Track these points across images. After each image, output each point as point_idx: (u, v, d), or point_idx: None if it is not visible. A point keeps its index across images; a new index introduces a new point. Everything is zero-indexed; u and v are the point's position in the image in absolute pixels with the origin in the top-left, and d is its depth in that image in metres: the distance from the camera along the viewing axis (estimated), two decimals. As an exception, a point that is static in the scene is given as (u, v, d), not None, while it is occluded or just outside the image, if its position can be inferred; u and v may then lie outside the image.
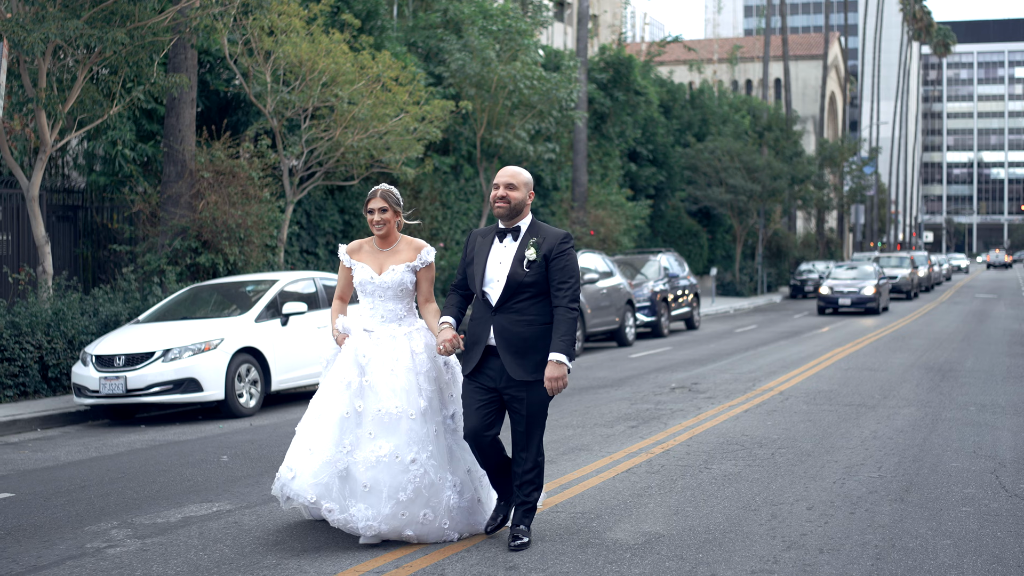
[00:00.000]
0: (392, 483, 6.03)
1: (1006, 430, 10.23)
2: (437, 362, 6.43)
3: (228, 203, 16.36)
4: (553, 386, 5.95)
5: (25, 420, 11.98)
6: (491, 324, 6.10)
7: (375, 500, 6.03)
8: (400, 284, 6.41)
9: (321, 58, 17.57)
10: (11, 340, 13.08)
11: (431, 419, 6.24)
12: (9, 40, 12.88)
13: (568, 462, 8.74)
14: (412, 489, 6.05)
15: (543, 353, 6.02)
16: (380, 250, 6.52)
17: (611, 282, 21.26)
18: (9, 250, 16.49)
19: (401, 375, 6.22)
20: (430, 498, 6.11)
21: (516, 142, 23.23)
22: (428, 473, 6.11)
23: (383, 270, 6.44)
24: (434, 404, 6.31)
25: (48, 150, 14.31)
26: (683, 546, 6.15)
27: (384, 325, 6.43)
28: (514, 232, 6.19)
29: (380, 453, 6.05)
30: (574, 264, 6.13)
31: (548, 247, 6.08)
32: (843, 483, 7.83)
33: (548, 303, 6.10)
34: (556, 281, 6.06)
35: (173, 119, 16.57)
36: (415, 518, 6.07)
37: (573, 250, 6.14)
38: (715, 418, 11.12)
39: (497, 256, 6.17)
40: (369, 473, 6.04)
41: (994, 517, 6.80)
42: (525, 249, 6.08)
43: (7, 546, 6.46)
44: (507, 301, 6.08)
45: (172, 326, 12.65)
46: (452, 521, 6.21)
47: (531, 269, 6.05)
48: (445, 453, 6.29)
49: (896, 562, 5.81)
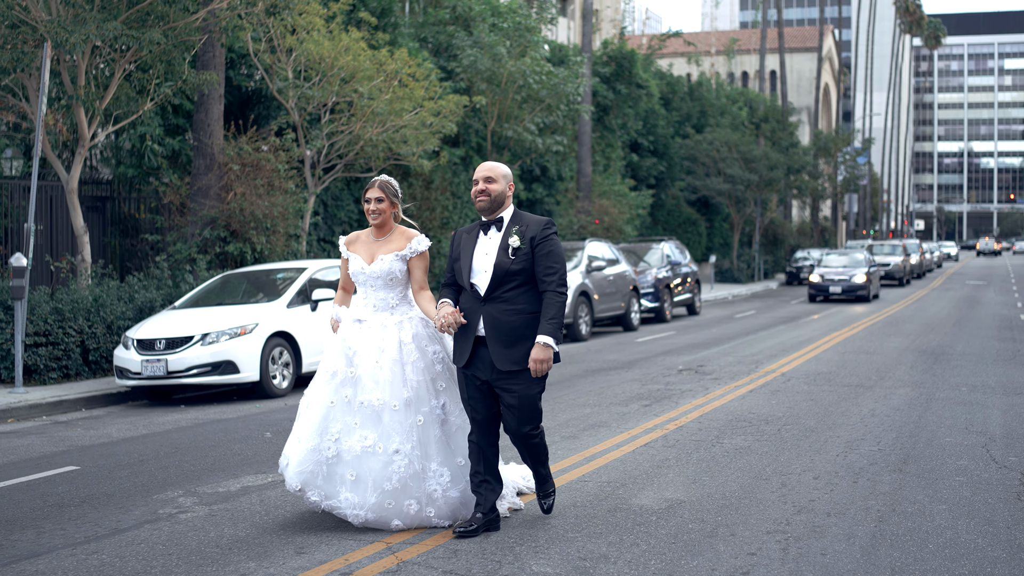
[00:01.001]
0: (377, 473, 6.05)
1: (996, 408, 10.72)
2: (427, 352, 6.36)
3: (255, 194, 16.82)
4: (537, 368, 5.95)
5: (71, 400, 12.46)
6: (480, 314, 6.08)
7: (361, 489, 6.06)
8: (389, 273, 6.38)
9: (341, 55, 18.02)
10: (55, 325, 13.55)
11: (417, 409, 6.20)
12: (52, 40, 13.32)
13: (590, 437, 9.23)
14: (397, 479, 6.05)
15: (530, 343, 6.01)
16: (375, 240, 6.51)
17: (617, 269, 21.73)
18: (47, 240, 16.97)
19: (386, 366, 6.20)
20: (415, 488, 6.10)
21: (526, 135, 23.68)
22: (413, 463, 6.09)
23: (374, 259, 6.43)
24: (420, 394, 6.24)
25: (87, 144, 14.75)
26: (703, 510, 6.64)
27: (376, 314, 6.41)
28: (497, 223, 6.21)
29: (366, 444, 6.07)
30: (559, 249, 6.13)
31: (532, 233, 6.10)
32: (845, 456, 8.31)
33: (536, 292, 6.10)
34: (543, 267, 6.06)
35: (202, 114, 17.01)
36: (400, 508, 6.09)
37: (556, 235, 6.17)
38: (722, 397, 11.60)
39: (483, 248, 6.18)
40: (355, 462, 6.08)
41: (985, 486, 7.29)
42: (509, 237, 6.11)
43: (86, 512, 6.94)
44: (496, 290, 6.07)
45: (208, 312, 13.12)
46: (437, 510, 6.19)
47: (516, 256, 6.06)
48: (433, 443, 6.23)
49: (897, 524, 6.30)
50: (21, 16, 13.53)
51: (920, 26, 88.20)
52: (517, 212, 6.27)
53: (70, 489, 7.68)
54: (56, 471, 8.40)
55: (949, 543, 5.89)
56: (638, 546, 5.85)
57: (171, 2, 14.13)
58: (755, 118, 49.00)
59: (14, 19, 13.56)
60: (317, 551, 5.84)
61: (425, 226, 23.32)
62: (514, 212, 6.26)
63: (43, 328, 13.41)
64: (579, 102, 26.09)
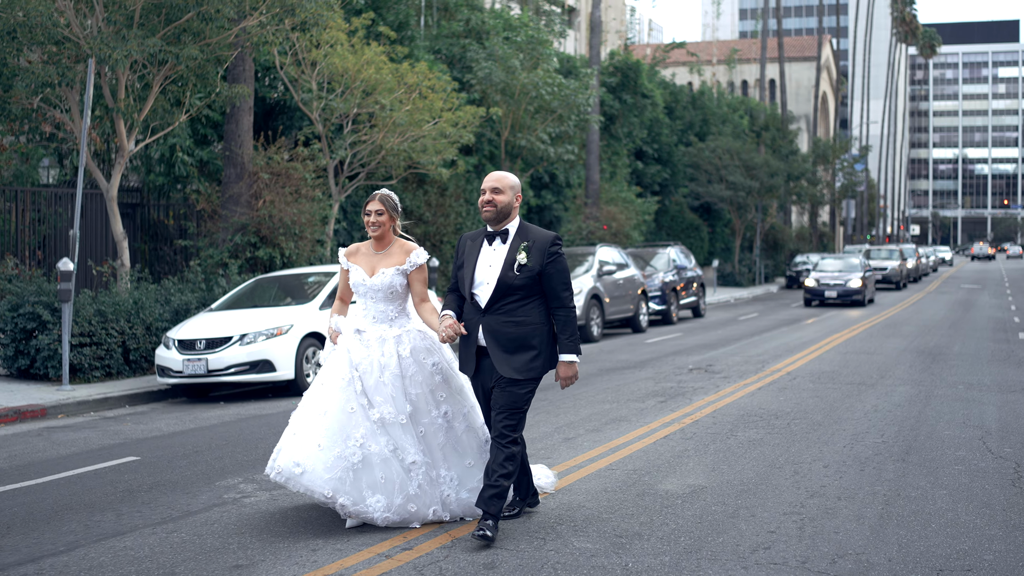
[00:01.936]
0: (402, 478, 6.21)
1: (991, 405, 11.20)
2: (424, 365, 6.44)
3: (284, 202, 17.33)
4: (567, 384, 6.14)
5: (115, 398, 12.94)
6: (480, 325, 6.10)
7: (389, 491, 6.18)
8: (390, 287, 6.44)
9: (364, 68, 18.51)
10: (98, 326, 14.04)
11: (419, 421, 6.35)
12: (96, 57, 13.81)
13: (612, 430, 9.71)
14: (418, 484, 6.24)
15: (531, 352, 6.05)
16: (375, 253, 6.55)
17: (626, 273, 22.21)
18: (83, 244, 17.47)
19: (388, 382, 6.31)
20: (432, 492, 6.31)
21: (538, 144, 24.18)
22: (428, 471, 6.30)
23: (374, 272, 6.48)
24: (420, 407, 6.36)
25: (126, 154, 15.23)
26: (724, 495, 7.11)
27: (375, 325, 6.47)
28: (503, 235, 6.13)
29: (389, 449, 6.22)
30: (566, 265, 6.14)
31: (540, 251, 6.04)
32: (852, 447, 8.78)
33: (535, 304, 6.09)
34: (556, 283, 6.07)
35: (232, 125, 17.50)
36: (420, 511, 6.26)
37: (563, 251, 6.14)
38: (733, 394, 12.08)
39: (487, 259, 6.12)
40: (383, 466, 6.20)
41: (982, 474, 7.76)
42: (516, 253, 6.04)
43: (156, 496, 7.42)
44: (496, 303, 6.06)
45: (244, 313, 13.60)
46: (451, 513, 6.40)
47: (522, 273, 6.02)
48: (438, 450, 6.39)
49: (902, 506, 6.77)
50: (66, 34, 14.02)
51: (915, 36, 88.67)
52: (524, 225, 6.18)
53: (135, 477, 8.16)
54: (118, 461, 8.88)
55: (950, 523, 6.36)
56: (667, 525, 6.33)
57: (208, 20, 14.61)
58: (756, 126, 49.53)
59: (59, 36, 14.05)
60: (379, 530, 6.30)
61: (440, 231, 23.82)
62: (520, 225, 6.17)
63: (87, 329, 13.89)
64: (588, 112, 26.58)
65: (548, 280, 6.06)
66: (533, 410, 10.94)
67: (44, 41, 14.04)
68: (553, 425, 10.06)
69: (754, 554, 5.74)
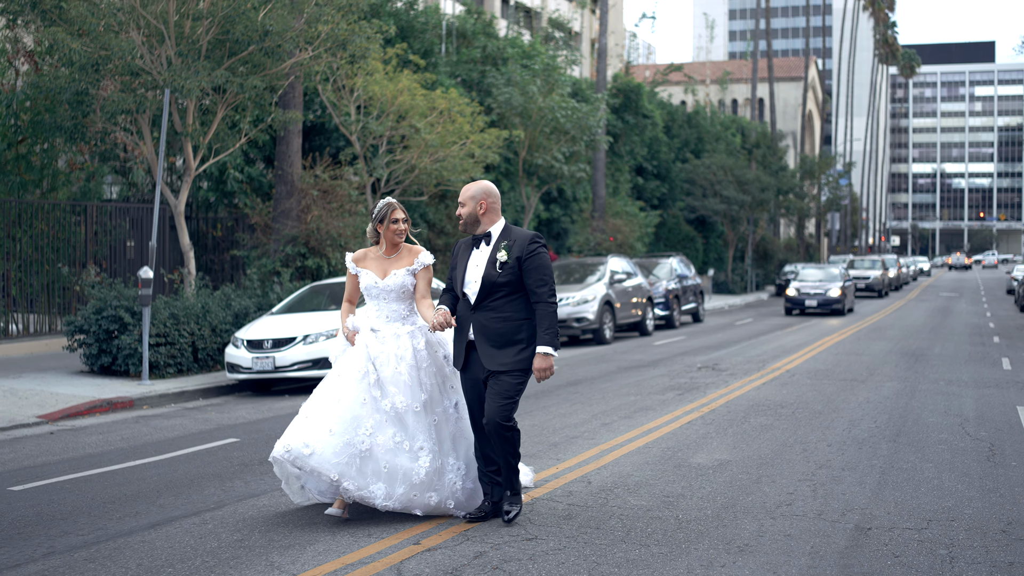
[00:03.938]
0: (407, 468, 6.32)
1: (969, 398, 12.30)
2: (437, 356, 6.65)
3: (330, 216, 18.41)
4: (542, 376, 6.15)
5: (190, 391, 13.99)
6: (471, 321, 6.33)
7: (391, 480, 6.30)
8: (402, 287, 6.62)
9: (399, 94, 19.64)
10: (172, 328, 15.09)
11: (432, 410, 6.50)
12: (171, 87, 14.89)
13: (642, 417, 10.79)
14: (424, 473, 6.35)
15: (517, 346, 6.22)
16: (385, 257, 6.72)
17: (634, 281, 23.31)
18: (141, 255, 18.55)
19: (404, 372, 6.45)
20: (436, 481, 6.42)
21: (554, 163, 25.32)
22: (435, 460, 6.42)
23: (387, 275, 6.65)
24: (435, 396, 6.53)
25: (192, 173, 16.31)
26: (746, 466, 8.19)
27: (389, 324, 6.61)
28: (486, 237, 6.38)
29: (396, 439, 6.34)
30: (546, 262, 6.24)
31: (519, 249, 6.23)
32: (850, 431, 9.87)
33: (522, 301, 6.27)
34: (533, 279, 6.21)
35: (283, 147, 18.59)
36: (423, 500, 6.39)
37: (543, 249, 6.26)
38: (741, 388, 13.16)
39: (475, 260, 6.37)
40: (388, 456, 6.31)
41: (962, 451, 8.86)
42: (497, 252, 6.27)
43: (267, 469, 8.48)
44: (484, 300, 6.26)
45: (304, 316, 14.65)
46: (456, 502, 6.53)
47: (503, 270, 6.21)
48: (448, 440, 6.54)
49: (896, 475, 7.86)
50: (142, 65, 15.10)
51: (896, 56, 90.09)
52: (507, 227, 6.40)
53: (244, 454, 9.23)
54: (223, 442, 9.95)
55: (936, 488, 7.45)
56: (704, 488, 7.41)
57: (269, 54, 15.71)
58: (747, 144, 50.75)
59: (136, 68, 15.13)
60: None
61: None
62: (504, 227, 6.39)
63: (162, 330, 14.93)
64: (597, 134, 27.73)
65: (527, 276, 6.22)
66: (570, 401, 12.04)
67: (122, 72, 15.11)
68: (590, 413, 11.14)
69: (778, 508, 6.83)
